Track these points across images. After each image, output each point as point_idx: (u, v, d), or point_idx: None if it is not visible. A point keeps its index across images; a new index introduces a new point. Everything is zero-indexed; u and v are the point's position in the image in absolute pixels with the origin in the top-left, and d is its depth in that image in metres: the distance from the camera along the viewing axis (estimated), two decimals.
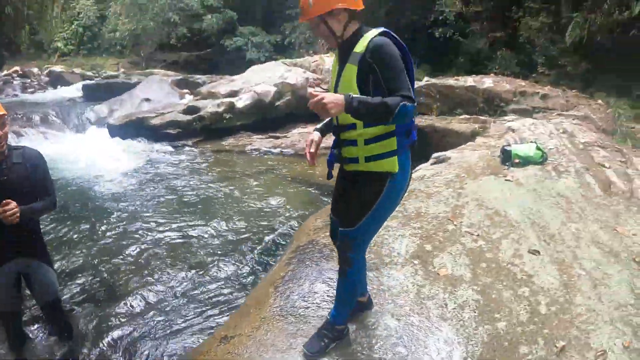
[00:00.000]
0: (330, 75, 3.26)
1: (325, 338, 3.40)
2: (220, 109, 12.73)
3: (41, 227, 4.25)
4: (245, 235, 6.75)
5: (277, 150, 11.61)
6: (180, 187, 9.00)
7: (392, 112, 2.70)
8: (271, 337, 3.56)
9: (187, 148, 12.05)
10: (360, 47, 2.89)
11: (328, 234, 4.91)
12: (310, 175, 9.59)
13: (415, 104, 2.78)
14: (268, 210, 7.77)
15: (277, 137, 12.35)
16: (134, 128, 12.75)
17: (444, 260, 4.47)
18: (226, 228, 7.00)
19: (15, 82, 22.44)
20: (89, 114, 14.59)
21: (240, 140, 12.42)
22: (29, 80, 23.27)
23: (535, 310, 3.78)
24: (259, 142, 12.09)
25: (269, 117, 13.16)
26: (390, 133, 2.97)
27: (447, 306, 3.86)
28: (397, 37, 2.96)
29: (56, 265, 5.46)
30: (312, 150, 3.19)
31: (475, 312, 3.78)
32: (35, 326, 4.83)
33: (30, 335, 4.67)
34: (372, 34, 2.92)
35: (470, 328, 3.62)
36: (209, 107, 12.85)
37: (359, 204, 3.14)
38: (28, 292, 4.33)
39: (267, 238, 6.60)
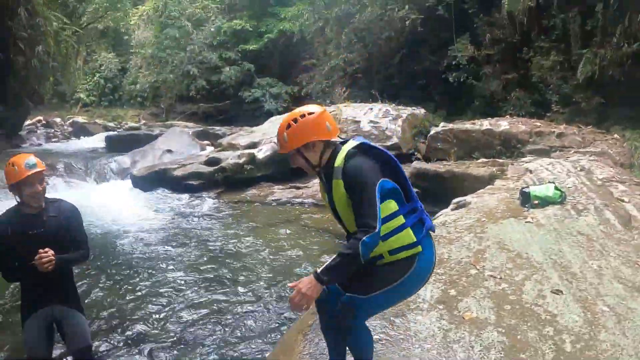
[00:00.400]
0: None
1: None
2: (241, 160, 12.93)
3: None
4: (271, 285, 6.82)
5: (299, 200, 11.70)
6: (204, 239, 9.10)
7: (357, 257, 2.80)
8: None
9: (209, 199, 12.17)
10: (339, 160, 3.05)
11: None
12: (333, 224, 9.62)
13: (378, 229, 2.81)
14: (292, 259, 7.87)
15: (298, 188, 12.46)
16: (156, 179, 13.01)
17: (469, 304, 4.52)
18: (252, 279, 7.07)
19: (39, 132, 23.06)
20: (112, 165, 14.88)
21: (262, 190, 12.55)
22: (53, 130, 23.89)
23: (561, 348, 3.81)
24: (280, 193, 12.22)
25: (289, 167, 13.18)
26: (401, 226, 3.06)
27: (473, 349, 3.89)
28: (375, 146, 3.15)
29: None
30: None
31: (501, 354, 3.81)
32: None
33: None
34: (348, 146, 3.09)
35: None
36: (230, 158, 13.06)
37: (380, 278, 3.13)
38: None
39: (288, 293, 6.64)
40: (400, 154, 13.71)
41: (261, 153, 13.08)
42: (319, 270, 2.86)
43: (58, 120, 26.26)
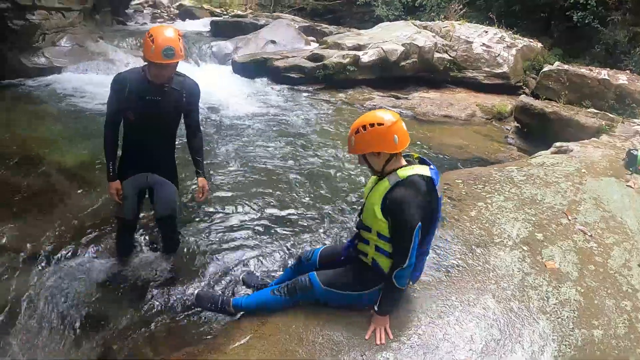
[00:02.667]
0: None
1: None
2: (345, 61, 12.81)
3: None
4: (352, 188, 6.76)
5: (397, 110, 11.40)
6: (295, 132, 9.24)
7: (397, 286, 3.31)
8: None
9: (307, 94, 12.25)
10: (391, 181, 3.32)
11: (442, 201, 5.09)
12: (429, 138, 9.69)
13: (406, 265, 3.22)
14: None
15: (398, 98, 12.34)
16: (257, 67, 13.14)
17: (553, 252, 4.51)
18: (337, 179, 7.04)
19: (145, 12, 23.36)
20: (214, 48, 14.98)
21: (361, 94, 12.46)
22: (159, 11, 24.14)
23: (634, 327, 3.78)
24: (379, 99, 12.11)
25: (392, 76, 13.13)
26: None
27: (548, 300, 3.91)
28: (435, 187, 3.34)
29: None
30: None
31: (574, 313, 3.81)
32: (143, 239, 5.21)
33: (138, 247, 5.02)
34: (414, 170, 3.30)
35: (567, 328, 3.67)
36: (334, 57, 12.95)
37: (348, 280, 3.61)
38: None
39: None
40: (508, 84, 13.40)
41: (366, 57, 12.90)
42: (378, 309, 3.39)
43: (165, 1, 26.45)
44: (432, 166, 3.38)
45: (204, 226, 5.57)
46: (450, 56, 13.81)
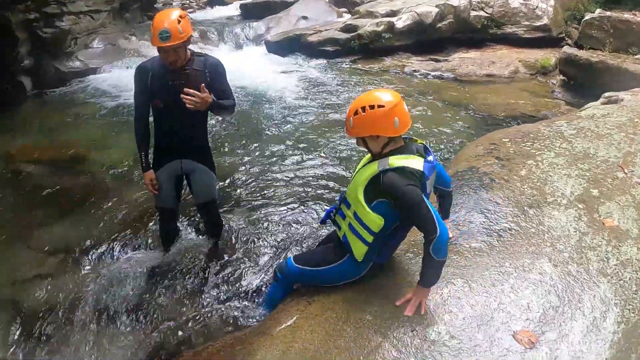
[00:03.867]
0: None
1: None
2: (379, 29, 12.65)
3: None
4: None
5: (437, 73, 11.42)
6: (335, 105, 9.21)
7: (436, 259, 3.01)
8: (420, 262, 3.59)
9: (344, 65, 12.16)
10: (379, 167, 3.12)
11: (489, 162, 4.95)
12: (473, 99, 9.51)
13: (439, 232, 2.94)
14: (426, 132, 7.81)
15: (437, 60, 12.14)
16: (291, 44, 13.14)
17: (611, 209, 4.26)
18: None
19: (174, 3, 23.31)
20: (247, 31, 14.95)
21: (399, 61, 12.30)
22: (187, 1, 24.09)
23: None
24: (418, 64, 11.95)
25: (429, 39, 12.88)
26: (366, 242, 3.27)
27: (608, 261, 3.67)
28: (426, 176, 3.11)
29: None
30: None
31: (637, 274, 3.58)
32: (186, 224, 5.30)
33: (182, 234, 5.07)
34: (394, 162, 3.07)
35: (630, 290, 3.44)
36: (368, 26, 12.80)
37: (318, 256, 3.63)
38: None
39: None
40: (549, 37, 12.99)
41: (400, 22, 12.70)
42: (420, 280, 3.15)
43: None
44: (429, 158, 3.19)
45: (245, 206, 5.65)
46: (486, 13, 13.42)
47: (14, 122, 8.60)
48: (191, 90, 3.81)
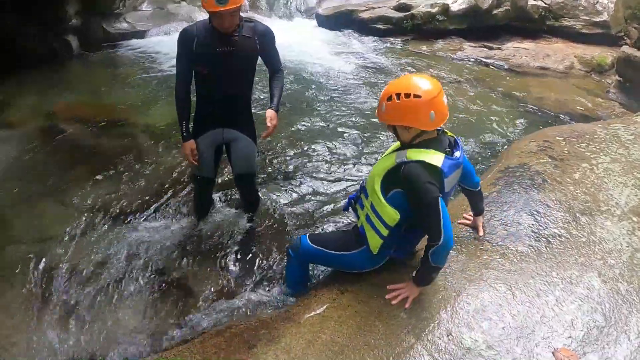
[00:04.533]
0: None
1: None
2: (434, 10, 12.35)
3: None
4: None
5: (490, 61, 11.05)
6: (383, 84, 8.91)
7: (432, 264, 2.94)
8: (462, 260, 3.51)
9: (394, 45, 11.92)
10: (397, 159, 2.97)
11: (542, 160, 4.71)
12: (525, 91, 9.22)
13: (442, 240, 2.82)
14: (477, 121, 7.62)
15: (491, 48, 11.75)
16: (342, 19, 12.93)
17: None
18: None
19: None
20: (298, 2, 14.74)
21: (451, 44, 11.99)
22: None
23: None
24: (471, 50, 11.60)
25: (484, 25, 12.53)
26: (381, 235, 3.12)
27: None
28: (440, 169, 2.89)
29: None
30: None
31: None
32: (222, 197, 5.23)
33: (217, 205, 5.02)
34: (413, 155, 2.91)
35: None
36: (422, 6, 12.51)
37: (334, 240, 3.54)
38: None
39: (472, 149, 6.55)
40: (608, 34, 12.49)
41: (456, 5, 12.39)
42: (414, 277, 3.10)
43: None
44: (457, 154, 3.01)
45: (283, 183, 5.59)
46: (545, 3, 12.95)
47: (59, 80, 8.61)
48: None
